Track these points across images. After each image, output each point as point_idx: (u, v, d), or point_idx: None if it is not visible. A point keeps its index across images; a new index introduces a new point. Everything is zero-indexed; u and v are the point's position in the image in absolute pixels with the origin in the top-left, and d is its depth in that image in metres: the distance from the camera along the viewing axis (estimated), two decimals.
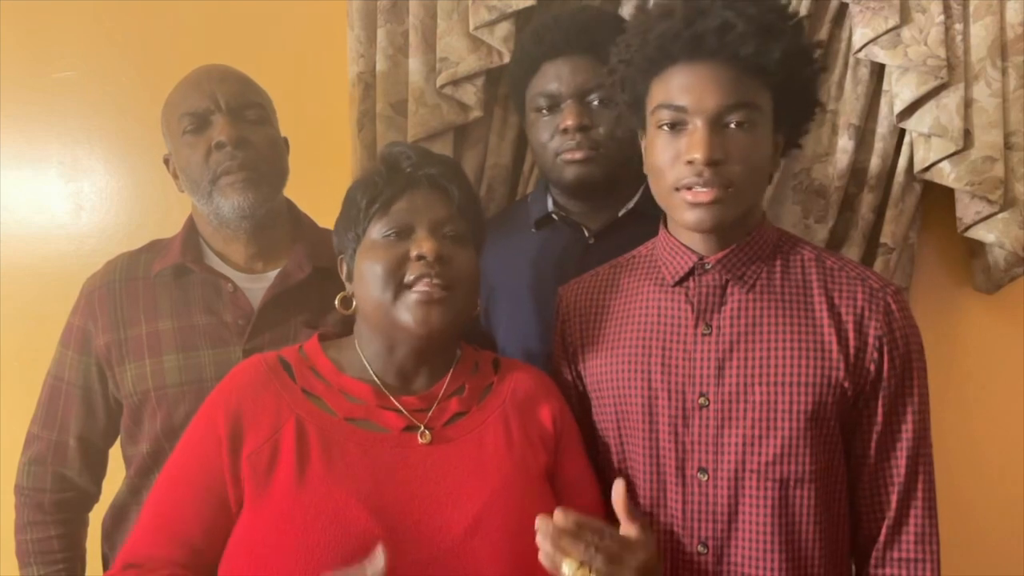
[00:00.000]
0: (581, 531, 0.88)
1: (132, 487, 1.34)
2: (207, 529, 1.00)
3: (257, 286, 1.32)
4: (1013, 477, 1.64)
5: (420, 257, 1.05)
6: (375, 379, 1.09)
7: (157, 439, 1.29)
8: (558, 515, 0.88)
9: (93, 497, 1.42)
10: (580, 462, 1.15)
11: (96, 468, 1.40)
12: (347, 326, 1.22)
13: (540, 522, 0.88)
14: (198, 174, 1.29)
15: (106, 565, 1.38)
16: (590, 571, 0.86)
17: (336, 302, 1.14)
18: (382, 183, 1.10)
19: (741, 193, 1.07)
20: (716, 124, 1.05)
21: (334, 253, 1.32)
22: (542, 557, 0.89)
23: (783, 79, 1.07)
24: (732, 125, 1.05)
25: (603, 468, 1.19)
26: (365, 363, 1.11)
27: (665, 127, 1.07)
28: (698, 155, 1.04)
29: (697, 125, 1.05)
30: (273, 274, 1.33)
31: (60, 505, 1.37)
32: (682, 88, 1.06)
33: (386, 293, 1.05)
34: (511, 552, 0.98)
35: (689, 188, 1.06)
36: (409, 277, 1.05)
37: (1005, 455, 1.65)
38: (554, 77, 1.36)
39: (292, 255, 1.35)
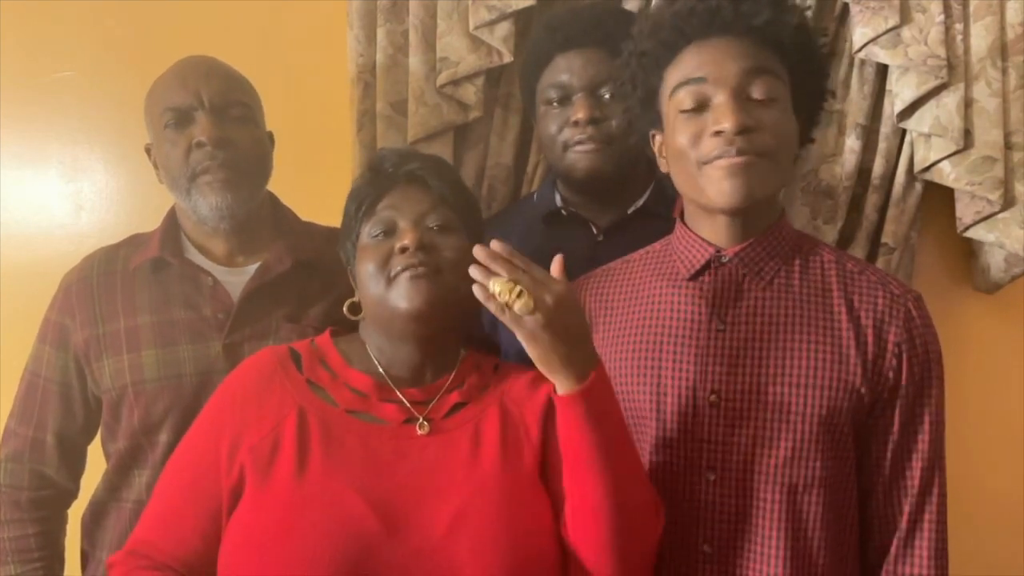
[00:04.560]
0: (512, 257, 0.95)
1: (110, 484, 1.33)
2: (203, 531, 1.03)
3: (237, 279, 1.31)
4: (1013, 477, 1.64)
5: (403, 249, 1.08)
6: (380, 371, 1.12)
7: (135, 435, 1.28)
8: (494, 243, 0.95)
9: (72, 494, 1.39)
10: None
11: (74, 465, 1.38)
12: (334, 321, 1.22)
13: (476, 250, 0.95)
14: (177, 170, 1.27)
15: (85, 562, 1.37)
16: (515, 286, 0.93)
17: (344, 308, 1.15)
18: (366, 187, 1.14)
19: (775, 165, 1.04)
20: (740, 94, 1.03)
21: (316, 247, 1.33)
22: (475, 287, 0.95)
23: (798, 57, 1.07)
24: (755, 97, 1.03)
25: None
26: (371, 357, 1.13)
27: (686, 111, 1.05)
28: (727, 124, 1.01)
29: (721, 97, 1.03)
30: (254, 267, 1.32)
31: (38, 503, 1.34)
32: (700, 64, 1.05)
33: (379, 287, 1.08)
34: (494, 549, 0.98)
35: (720, 159, 1.03)
36: (396, 268, 1.08)
37: (1005, 455, 1.65)
38: (566, 69, 1.36)
39: (273, 248, 1.33)
